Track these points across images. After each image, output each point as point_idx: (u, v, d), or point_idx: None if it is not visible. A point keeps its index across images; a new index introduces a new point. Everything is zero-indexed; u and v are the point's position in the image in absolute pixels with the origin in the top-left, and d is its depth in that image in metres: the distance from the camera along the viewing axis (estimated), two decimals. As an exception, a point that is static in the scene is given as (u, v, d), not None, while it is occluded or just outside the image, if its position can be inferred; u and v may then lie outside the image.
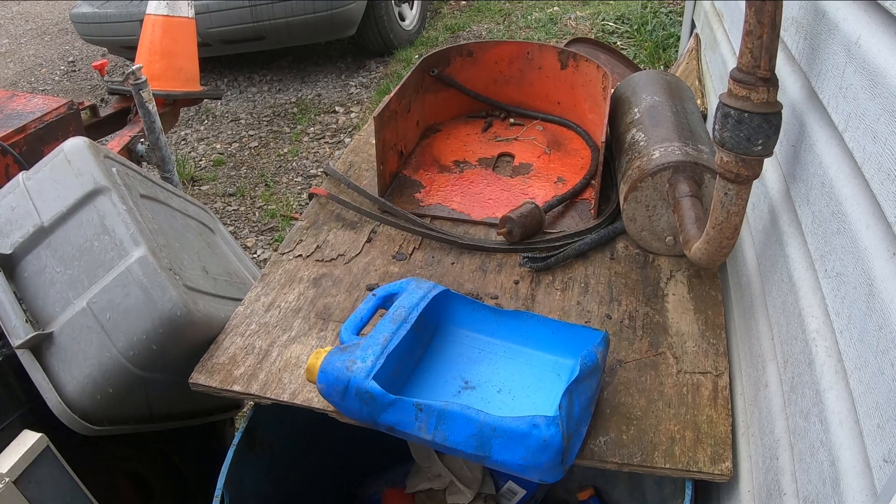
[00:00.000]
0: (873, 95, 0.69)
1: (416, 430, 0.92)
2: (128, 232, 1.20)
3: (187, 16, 2.64)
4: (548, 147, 1.73)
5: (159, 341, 1.17)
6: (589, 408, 0.98)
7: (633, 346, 1.15)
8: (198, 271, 1.35)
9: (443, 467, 1.49)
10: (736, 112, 0.91)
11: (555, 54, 1.76)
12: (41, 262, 1.23)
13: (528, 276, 1.31)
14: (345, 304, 1.26)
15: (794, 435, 0.81)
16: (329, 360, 0.97)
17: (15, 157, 1.74)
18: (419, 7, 5.03)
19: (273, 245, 3.02)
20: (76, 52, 5.58)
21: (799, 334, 0.85)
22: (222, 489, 1.05)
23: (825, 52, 0.86)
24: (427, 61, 1.74)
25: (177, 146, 3.92)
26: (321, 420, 1.06)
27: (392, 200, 1.51)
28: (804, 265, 0.88)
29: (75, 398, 1.16)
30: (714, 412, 1.03)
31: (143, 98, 2.21)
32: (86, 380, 1.16)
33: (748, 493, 0.95)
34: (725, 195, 0.99)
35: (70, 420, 1.15)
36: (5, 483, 0.97)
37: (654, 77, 1.61)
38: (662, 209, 1.29)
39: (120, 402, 1.19)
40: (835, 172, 0.80)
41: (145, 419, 1.28)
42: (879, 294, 0.63)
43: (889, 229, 0.64)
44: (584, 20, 4.87)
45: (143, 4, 2.68)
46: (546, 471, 0.89)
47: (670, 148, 1.29)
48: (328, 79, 4.59)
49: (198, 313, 1.19)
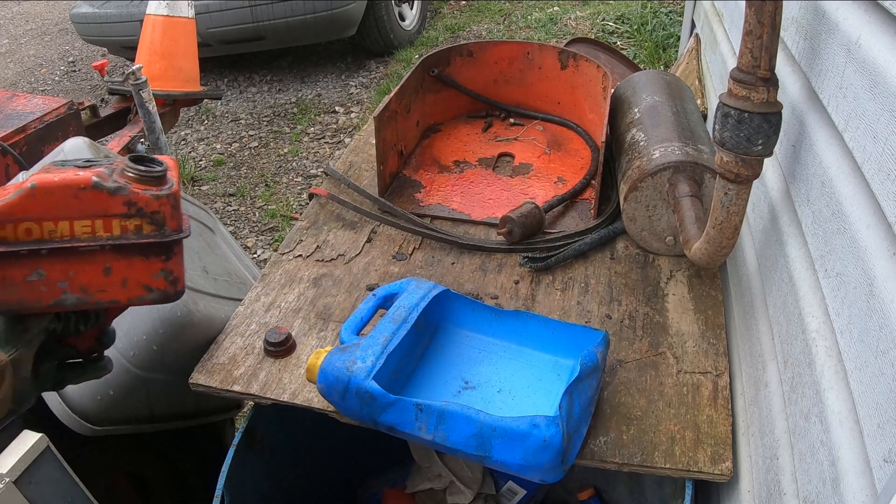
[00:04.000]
0: (873, 95, 0.69)
1: (417, 430, 0.92)
2: (128, 232, 1.20)
3: (187, 16, 2.64)
4: (548, 147, 1.73)
5: (159, 341, 1.17)
6: (589, 408, 0.98)
7: (633, 346, 1.15)
8: (198, 271, 1.35)
9: (443, 467, 1.49)
10: (736, 112, 0.91)
11: (555, 54, 1.76)
12: (41, 263, 1.23)
13: (528, 276, 1.31)
14: (345, 304, 1.26)
15: (795, 435, 0.81)
16: (329, 360, 0.97)
17: (15, 157, 1.73)
18: (419, 7, 5.03)
19: (273, 245, 3.02)
20: (76, 52, 5.58)
21: (799, 334, 0.85)
22: (222, 489, 1.05)
23: (825, 51, 0.86)
24: (427, 61, 1.74)
25: (177, 146, 3.92)
26: (321, 420, 1.06)
27: (392, 200, 1.51)
28: (804, 265, 0.88)
29: (76, 398, 1.16)
30: (714, 412, 1.03)
31: (143, 98, 2.21)
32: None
33: (748, 493, 0.95)
34: (725, 195, 0.99)
35: (70, 420, 1.15)
36: (5, 483, 0.97)
37: (654, 77, 1.61)
38: (662, 209, 1.29)
39: (120, 402, 1.19)
40: (835, 172, 0.80)
41: (145, 419, 1.28)
42: (880, 294, 0.63)
43: (889, 229, 0.64)
44: (584, 20, 4.87)
45: (143, 4, 2.68)
46: (546, 471, 0.89)
47: (670, 148, 1.29)
48: (328, 79, 4.59)
49: (198, 313, 1.19)
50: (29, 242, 0.74)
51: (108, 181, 0.75)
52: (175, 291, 0.82)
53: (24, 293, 0.75)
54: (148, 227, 0.78)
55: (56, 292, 0.77)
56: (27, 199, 0.73)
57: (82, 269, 0.77)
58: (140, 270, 0.79)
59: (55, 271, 0.76)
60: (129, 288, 0.80)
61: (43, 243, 0.75)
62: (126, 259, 0.78)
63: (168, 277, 0.81)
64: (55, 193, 0.74)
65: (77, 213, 0.75)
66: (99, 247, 0.77)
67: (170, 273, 0.81)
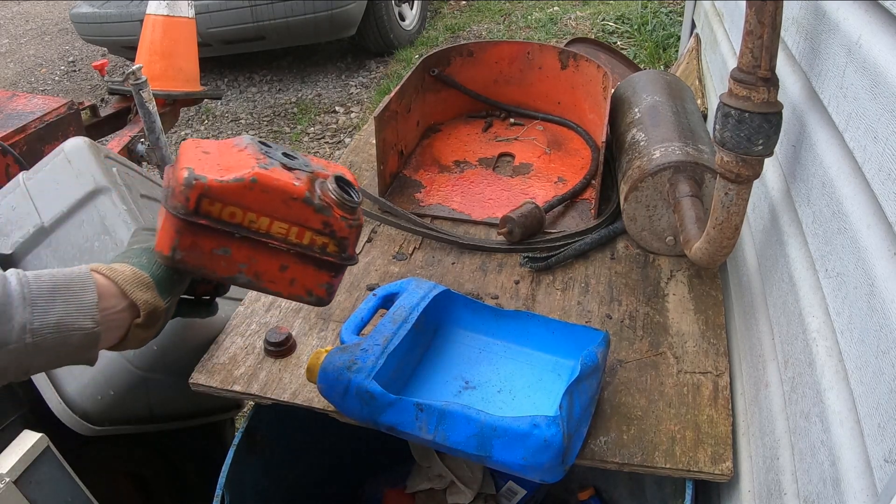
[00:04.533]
0: (874, 95, 0.69)
1: (417, 430, 0.92)
2: (128, 232, 1.20)
3: (187, 16, 2.63)
4: (548, 147, 1.73)
5: (160, 341, 1.16)
6: (589, 408, 0.98)
7: (633, 346, 1.15)
8: (198, 271, 1.35)
9: (443, 467, 1.49)
10: (736, 112, 0.91)
11: (555, 54, 1.76)
12: (42, 263, 1.23)
13: (529, 276, 1.31)
14: (345, 304, 1.26)
15: (795, 435, 0.81)
16: (329, 360, 0.97)
17: (15, 157, 1.73)
18: (419, 7, 5.03)
19: (273, 245, 3.02)
20: (76, 52, 5.58)
21: (799, 334, 0.85)
22: (222, 489, 1.05)
23: (826, 51, 0.86)
24: (427, 61, 1.74)
25: (177, 146, 3.92)
26: (321, 420, 1.06)
27: (392, 200, 1.51)
28: (805, 265, 0.88)
29: (76, 398, 1.16)
30: (714, 412, 1.03)
31: (144, 98, 2.21)
32: (86, 380, 1.16)
33: (748, 492, 0.95)
34: (726, 195, 0.99)
35: (70, 420, 1.15)
36: (5, 483, 0.97)
37: (655, 77, 1.61)
38: (663, 209, 1.29)
39: (120, 402, 1.19)
40: (835, 172, 0.80)
41: (146, 419, 1.28)
42: (880, 294, 0.63)
43: (889, 229, 0.64)
44: (584, 20, 4.87)
45: (143, 4, 2.68)
46: (546, 471, 0.89)
47: (671, 148, 1.29)
48: (328, 79, 4.59)
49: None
50: (228, 224, 0.79)
51: (316, 198, 0.81)
52: (328, 300, 0.89)
53: (205, 261, 0.81)
54: (333, 247, 0.84)
55: (233, 270, 0.82)
56: (244, 189, 0.78)
57: (263, 260, 0.83)
58: (310, 277, 0.86)
59: (240, 254, 0.81)
60: (295, 287, 0.86)
61: (240, 229, 0.79)
62: (302, 265, 0.84)
63: (328, 289, 0.88)
64: (270, 193, 0.79)
65: (280, 215, 0.80)
66: (286, 248, 0.82)
67: (331, 286, 0.88)
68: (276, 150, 0.85)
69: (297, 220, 0.81)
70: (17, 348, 0.70)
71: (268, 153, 0.83)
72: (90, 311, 0.75)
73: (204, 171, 0.77)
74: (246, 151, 0.82)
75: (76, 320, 0.74)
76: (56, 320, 0.73)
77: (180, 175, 0.76)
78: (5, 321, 0.69)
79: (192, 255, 0.79)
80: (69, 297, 0.74)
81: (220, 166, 0.79)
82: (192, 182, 0.76)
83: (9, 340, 0.70)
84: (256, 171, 0.78)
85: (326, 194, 0.82)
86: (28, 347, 0.71)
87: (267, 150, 0.84)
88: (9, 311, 0.70)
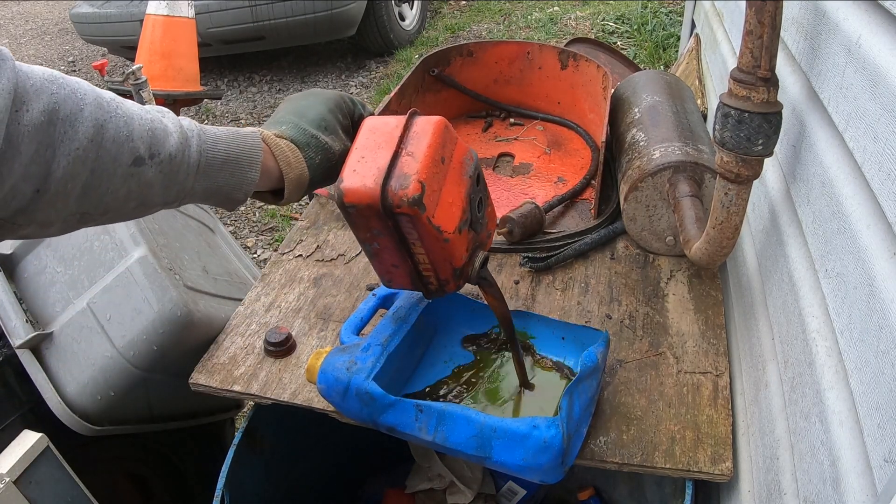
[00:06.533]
0: (874, 95, 0.69)
1: (417, 430, 0.92)
2: (128, 232, 1.20)
3: (187, 16, 2.64)
4: (548, 147, 1.73)
5: (160, 341, 1.17)
6: (589, 408, 0.97)
7: (633, 346, 1.15)
8: (198, 271, 1.35)
9: (443, 467, 1.49)
10: (736, 112, 0.91)
11: (555, 54, 1.76)
12: (41, 262, 1.23)
13: (528, 276, 1.31)
14: (345, 304, 1.26)
15: (795, 435, 0.81)
16: (329, 360, 0.97)
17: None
18: (419, 7, 5.03)
19: (273, 245, 3.02)
20: (76, 52, 5.58)
21: (799, 334, 0.85)
22: (222, 489, 1.05)
23: (825, 51, 0.86)
24: (427, 61, 1.74)
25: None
26: (321, 420, 1.06)
27: (392, 200, 1.51)
28: (804, 265, 0.88)
29: (76, 398, 1.16)
30: (714, 412, 1.03)
31: (143, 98, 2.21)
32: (86, 380, 1.16)
33: (748, 493, 0.95)
34: (726, 195, 0.99)
35: (70, 420, 1.15)
36: (5, 483, 0.97)
37: (654, 77, 1.61)
38: (663, 209, 1.29)
39: (120, 402, 1.19)
40: (835, 172, 0.80)
41: (146, 419, 1.28)
42: (880, 294, 0.63)
43: (889, 229, 0.64)
44: (584, 20, 4.87)
45: (143, 4, 2.68)
46: (546, 471, 0.89)
47: (670, 148, 1.28)
48: (328, 79, 4.59)
49: (198, 313, 1.19)
50: (400, 232, 0.84)
51: (466, 266, 0.90)
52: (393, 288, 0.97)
53: (359, 230, 0.86)
54: (434, 286, 0.93)
55: (368, 240, 0.88)
56: (437, 240, 0.83)
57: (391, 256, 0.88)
58: (399, 281, 0.94)
59: (381, 242, 0.86)
60: (382, 272, 0.93)
61: (402, 239, 0.85)
62: (407, 277, 0.92)
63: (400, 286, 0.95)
64: (447, 250, 0.85)
65: (434, 254, 0.86)
66: (410, 264, 0.89)
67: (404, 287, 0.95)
68: (481, 193, 0.91)
69: (437, 261, 0.87)
70: (170, 202, 0.77)
71: (472, 206, 0.88)
72: (248, 187, 0.82)
73: (429, 208, 0.80)
74: (463, 193, 0.86)
75: (231, 191, 0.81)
76: (217, 187, 0.80)
77: (414, 188, 0.78)
78: (174, 184, 0.75)
79: (357, 216, 0.83)
80: (235, 171, 0.80)
81: (436, 203, 0.82)
82: (416, 205, 0.78)
83: (167, 201, 0.76)
84: (451, 234, 0.83)
85: (472, 264, 0.90)
86: (177, 202, 0.78)
87: (479, 198, 0.90)
88: (179, 177, 0.75)
